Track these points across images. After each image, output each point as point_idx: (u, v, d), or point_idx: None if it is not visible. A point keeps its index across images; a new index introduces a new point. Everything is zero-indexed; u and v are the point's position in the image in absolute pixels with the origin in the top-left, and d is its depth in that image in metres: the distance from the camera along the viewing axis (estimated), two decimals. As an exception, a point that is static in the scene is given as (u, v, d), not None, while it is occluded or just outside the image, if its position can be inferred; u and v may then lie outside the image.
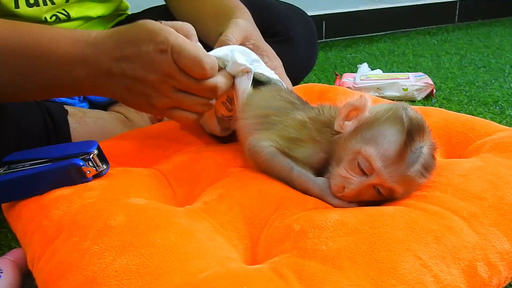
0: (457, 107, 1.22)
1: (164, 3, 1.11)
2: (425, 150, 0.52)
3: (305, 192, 0.56)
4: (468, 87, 1.39)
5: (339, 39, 2.22)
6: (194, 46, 0.59)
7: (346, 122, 0.56)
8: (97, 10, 1.04)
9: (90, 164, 0.58)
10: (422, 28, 2.40)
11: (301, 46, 1.14)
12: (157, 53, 0.57)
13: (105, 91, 0.64)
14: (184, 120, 0.64)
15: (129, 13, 1.20)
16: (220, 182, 0.60)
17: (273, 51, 0.81)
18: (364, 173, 0.53)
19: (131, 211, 0.49)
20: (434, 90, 1.29)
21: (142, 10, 1.21)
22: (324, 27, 2.15)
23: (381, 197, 0.54)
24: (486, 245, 0.47)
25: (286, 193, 0.55)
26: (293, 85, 1.11)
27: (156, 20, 1.21)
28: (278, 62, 0.80)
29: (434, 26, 2.42)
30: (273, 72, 0.73)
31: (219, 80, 0.62)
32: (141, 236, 0.45)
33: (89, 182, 0.57)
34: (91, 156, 0.58)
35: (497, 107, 1.20)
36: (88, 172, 0.57)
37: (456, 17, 2.50)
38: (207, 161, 0.65)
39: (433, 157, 0.54)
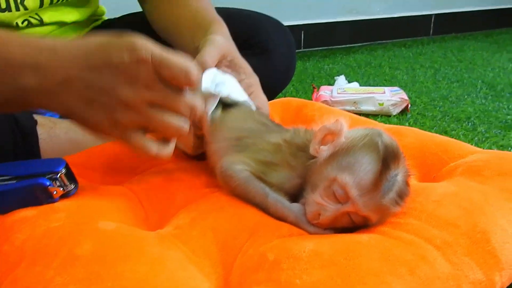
0: (431, 123, 1.23)
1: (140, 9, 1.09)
2: (400, 177, 0.52)
3: (280, 219, 0.55)
4: (441, 102, 1.41)
5: (317, 49, 2.23)
6: (176, 54, 0.53)
7: (321, 146, 0.56)
8: (71, 16, 1.01)
9: (57, 183, 0.56)
10: (398, 40, 2.44)
11: (279, 59, 1.14)
12: (133, 63, 0.51)
13: (56, 105, 0.55)
14: (145, 149, 0.54)
15: (106, 18, 1.17)
16: (194, 204, 0.58)
17: (250, 67, 0.79)
18: (339, 200, 0.52)
19: (99, 238, 0.47)
20: (409, 105, 1.31)
21: (119, 16, 1.18)
22: (302, 37, 2.16)
23: (355, 225, 0.54)
24: (459, 275, 0.47)
25: (261, 218, 0.54)
26: (272, 97, 1.10)
27: (133, 27, 1.18)
28: (254, 79, 0.78)
29: (410, 39, 2.47)
30: (242, 90, 0.72)
31: (198, 102, 0.55)
32: (109, 268, 0.43)
33: (56, 203, 0.55)
34: (58, 175, 0.56)
35: (470, 124, 1.22)
36: (55, 192, 0.55)
37: (431, 30, 2.55)
38: (181, 182, 0.64)
39: (407, 184, 0.54)
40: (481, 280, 0.48)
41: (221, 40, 0.74)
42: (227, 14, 1.13)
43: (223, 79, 0.68)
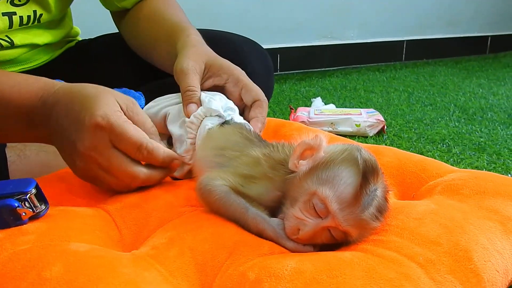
0: (407, 144, 1.24)
1: (115, 29, 1.09)
2: (379, 192, 0.52)
3: (260, 234, 0.53)
4: (416, 125, 1.43)
5: (294, 73, 2.26)
6: (135, 130, 0.60)
7: (301, 161, 0.55)
8: (44, 38, 0.99)
9: (26, 204, 0.53)
10: (372, 64, 2.49)
11: (258, 80, 1.13)
12: (91, 126, 0.57)
13: (53, 141, 0.64)
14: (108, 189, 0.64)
15: (80, 39, 1.16)
16: (171, 223, 0.56)
17: (228, 62, 0.80)
18: (319, 215, 0.51)
19: (69, 260, 0.44)
20: (385, 127, 1.32)
21: (94, 37, 1.17)
22: (278, 60, 2.18)
23: (334, 241, 0.53)
24: (443, 294, 0.46)
25: (240, 236, 0.53)
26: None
27: (108, 48, 1.17)
28: (238, 72, 0.79)
29: (383, 64, 2.53)
30: (241, 118, 0.73)
31: (141, 174, 0.62)
32: (79, 290, 0.40)
33: (24, 225, 0.52)
34: (27, 196, 0.53)
35: (444, 145, 1.24)
36: (23, 214, 0.52)
37: (403, 55, 2.62)
38: (157, 200, 0.62)
39: (386, 200, 0.53)
40: (464, 298, 0.47)
41: (190, 62, 0.74)
42: (205, 36, 1.14)
43: (234, 106, 0.71)
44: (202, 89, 0.75)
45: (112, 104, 0.59)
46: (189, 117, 0.69)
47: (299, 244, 0.53)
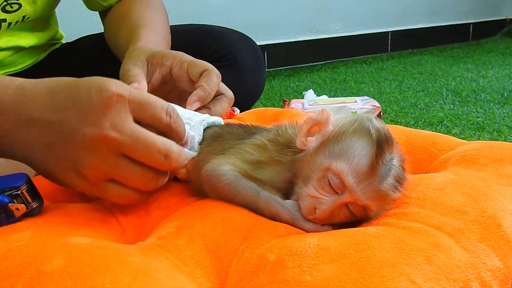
0: (405, 128, 1.22)
1: (98, 31, 1.06)
2: (396, 162, 0.49)
3: (274, 218, 0.50)
4: (412, 110, 1.41)
5: (281, 69, 2.23)
6: (156, 97, 0.50)
7: (309, 138, 0.52)
8: (29, 40, 0.97)
9: (19, 200, 0.48)
10: (359, 57, 2.48)
11: (248, 71, 1.11)
12: (105, 99, 0.46)
13: (16, 150, 0.50)
14: (125, 200, 0.51)
15: (64, 42, 1.13)
16: (177, 213, 0.52)
17: (174, 51, 0.74)
18: (335, 191, 0.48)
19: (71, 252, 0.40)
20: (381, 113, 1.30)
21: (77, 39, 1.14)
22: (266, 57, 2.15)
23: (354, 217, 0.50)
24: (477, 262, 0.43)
25: (253, 219, 0.49)
26: (242, 111, 1.07)
27: (89, 49, 1.13)
28: (183, 55, 0.71)
29: (370, 56, 2.52)
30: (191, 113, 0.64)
31: (175, 147, 0.49)
32: (85, 281, 0.36)
33: (18, 222, 0.48)
34: (20, 191, 0.49)
35: (443, 127, 1.22)
36: (16, 210, 0.48)
37: (389, 46, 2.61)
38: (160, 191, 0.58)
39: (403, 169, 0.50)
40: (499, 267, 0.44)
41: (130, 63, 0.70)
42: (196, 28, 1.12)
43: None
44: (153, 86, 0.70)
45: (114, 80, 0.48)
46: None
47: (317, 225, 0.49)
